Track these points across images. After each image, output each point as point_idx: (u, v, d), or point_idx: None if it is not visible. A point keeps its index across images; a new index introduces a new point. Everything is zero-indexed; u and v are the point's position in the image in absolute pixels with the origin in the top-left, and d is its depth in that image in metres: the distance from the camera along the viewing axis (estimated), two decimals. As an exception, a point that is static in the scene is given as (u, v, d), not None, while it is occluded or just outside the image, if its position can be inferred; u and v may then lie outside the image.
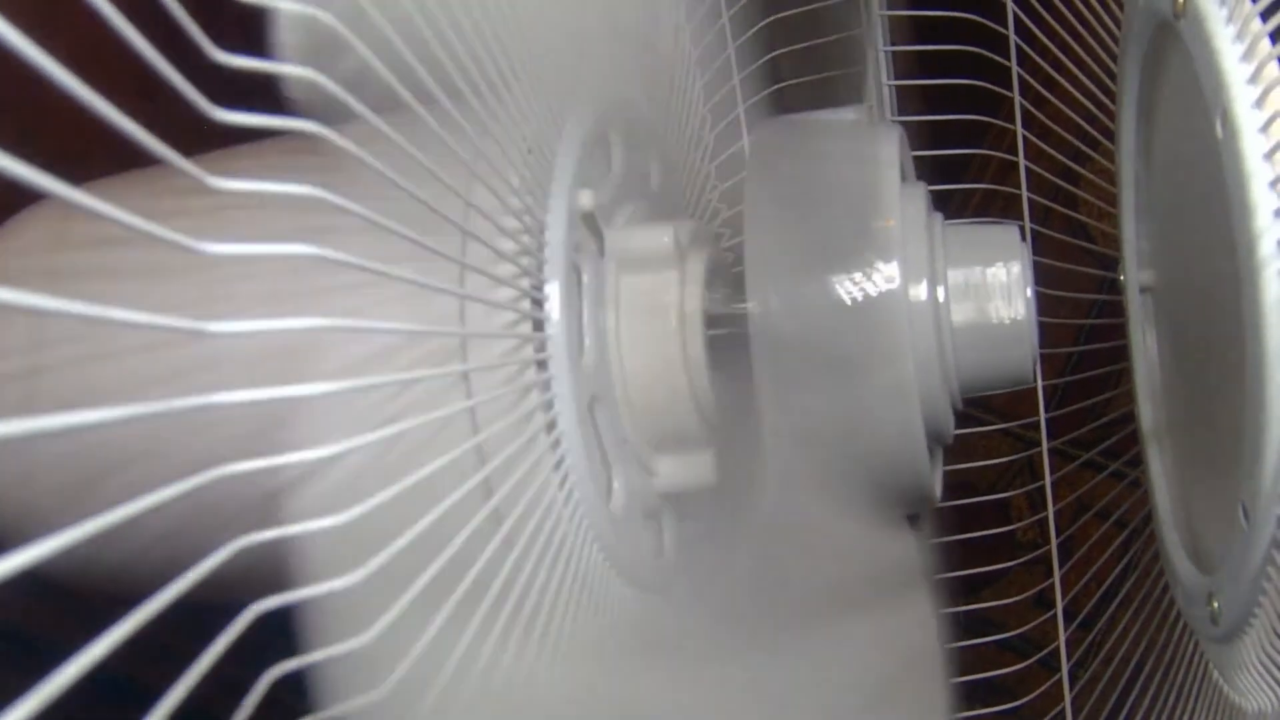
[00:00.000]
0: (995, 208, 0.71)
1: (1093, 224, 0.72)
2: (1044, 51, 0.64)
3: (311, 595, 0.21)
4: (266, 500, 0.24)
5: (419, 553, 0.27)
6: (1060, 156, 0.68)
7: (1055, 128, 0.67)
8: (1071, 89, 0.64)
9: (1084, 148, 0.66)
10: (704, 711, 0.34)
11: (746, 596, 0.38)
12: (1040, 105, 0.67)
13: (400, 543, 0.26)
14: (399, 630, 0.25)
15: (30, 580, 0.14)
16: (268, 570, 0.20)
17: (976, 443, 0.78)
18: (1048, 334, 0.48)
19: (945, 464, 0.50)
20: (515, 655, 0.30)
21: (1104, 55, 0.58)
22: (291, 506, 0.23)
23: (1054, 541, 0.69)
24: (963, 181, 0.71)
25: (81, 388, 0.36)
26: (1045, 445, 0.69)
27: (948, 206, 0.72)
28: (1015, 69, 0.65)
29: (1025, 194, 0.68)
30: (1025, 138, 0.67)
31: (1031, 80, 0.66)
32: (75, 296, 0.15)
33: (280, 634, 0.20)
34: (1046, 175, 0.69)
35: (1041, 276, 0.58)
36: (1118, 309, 0.58)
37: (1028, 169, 0.68)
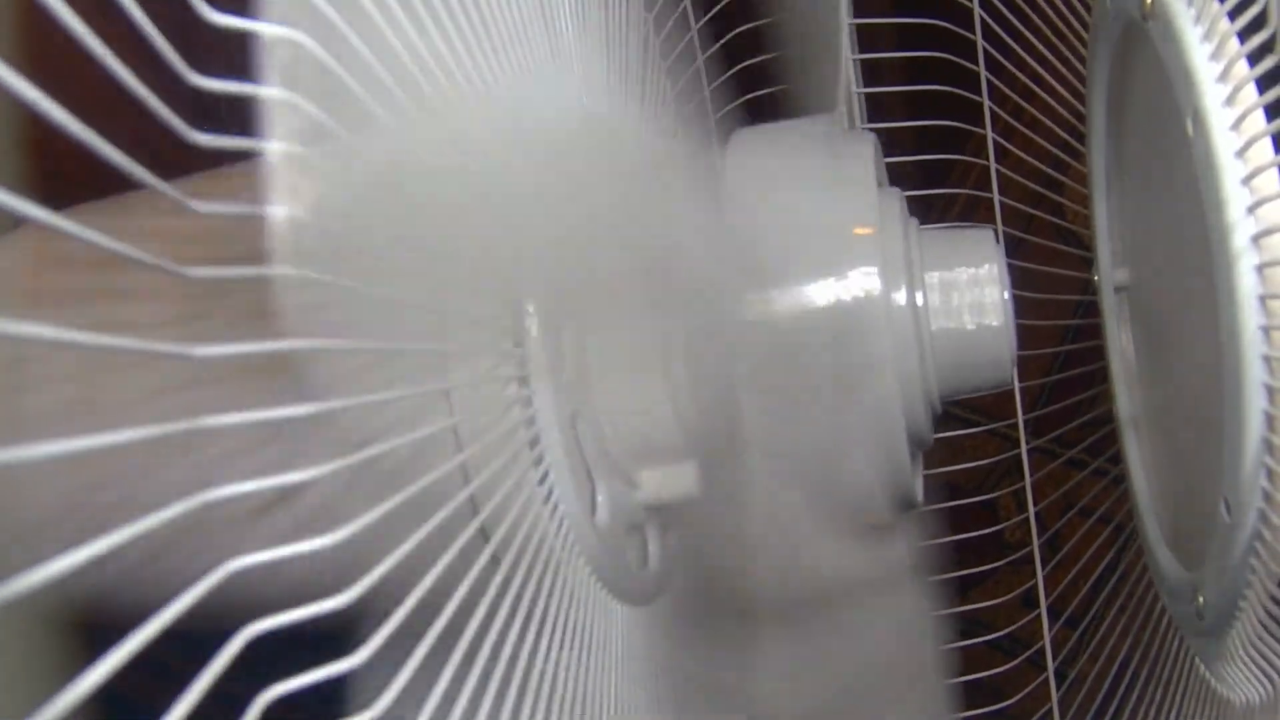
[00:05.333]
0: (979, 212, 0.71)
1: (1078, 229, 0.73)
2: (1020, 62, 0.64)
3: (302, 618, 0.21)
4: (253, 519, 0.24)
5: (407, 571, 0.27)
6: (1038, 163, 0.69)
7: (1033, 136, 0.68)
8: (1045, 95, 0.64)
9: (1062, 155, 0.67)
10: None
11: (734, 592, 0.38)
12: (1019, 111, 0.67)
13: (388, 563, 0.26)
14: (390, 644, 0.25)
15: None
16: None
17: (963, 443, 0.78)
18: (1033, 335, 0.48)
19: (933, 465, 0.50)
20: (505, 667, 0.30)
21: (1074, 59, 0.59)
22: (280, 525, 0.23)
23: (1036, 541, 0.69)
24: (945, 187, 0.72)
25: (68, 404, 0.36)
26: (1024, 445, 0.70)
27: (931, 212, 0.72)
28: (984, 74, 0.66)
29: (997, 198, 0.68)
30: (1005, 145, 0.67)
31: (1009, 91, 0.66)
32: (60, 319, 0.15)
33: (283, 648, 0.20)
34: (1028, 182, 0.69)
35: (1025, 279, 0.59)
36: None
37: (1012, 174, 0.69)
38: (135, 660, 0.16)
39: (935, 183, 0.70)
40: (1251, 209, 0.35)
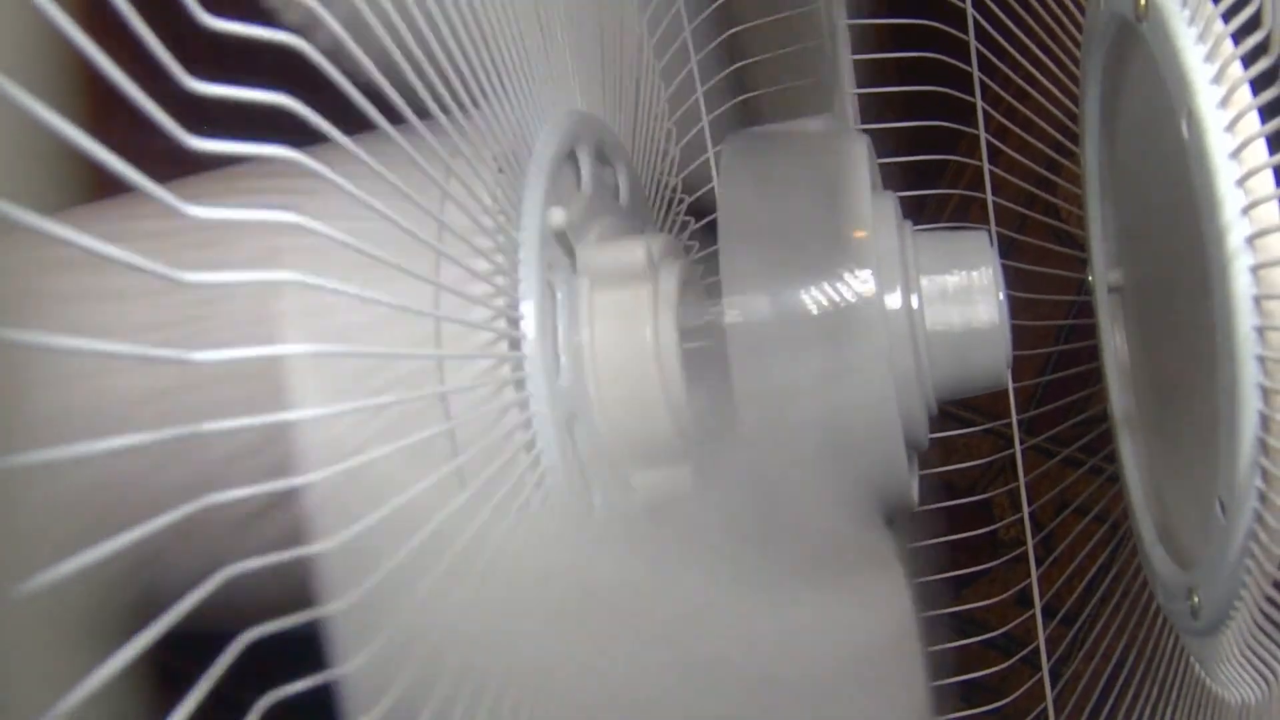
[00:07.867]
0: (972, 213, 0.71)
1: (1072, 230, 0.73)
2: (1013, 63, 0.64)
3: (301, 621, 0.21)
4: (250, 521, 0.24)
5: (403, 574, 0.27)
6: (1031, 163, 0.69)
7: (1027, 136, 0.68)
8: (1038, 95, 0.64)
9: (1056, 156, 0.67)
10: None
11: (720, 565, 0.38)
12: (1012, 112, 0.67)
13: (385, 568, 0.26)
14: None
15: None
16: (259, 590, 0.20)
17: (958, 442, 0.79)
18: (1027, 335, 0.48)
19: (927, 465, 0.50)
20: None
21: (1067, 60, 0.59)
22: (277, 529, 0.23)
23: (1030, 541, 0.69)
24: (938, 187, 0.72)
25: (64, 407, 0.36)
26: (1019, 445, 0.70)
27: (923, 212, 0.73)
28: (976, 74, 0.66)
29: (990, 199, 0.68)
30: (998, 145, 0.68)
31: (1002, 91, 0.66)
32: (56, 322, 0.15)
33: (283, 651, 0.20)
34: (1022, 183, 0.69)
35: (1018, 279, 0.59)
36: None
37: (1006, 174, 0.69)
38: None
39: (928, 183, 0.70)
40: (1246, 210, 0.35)
